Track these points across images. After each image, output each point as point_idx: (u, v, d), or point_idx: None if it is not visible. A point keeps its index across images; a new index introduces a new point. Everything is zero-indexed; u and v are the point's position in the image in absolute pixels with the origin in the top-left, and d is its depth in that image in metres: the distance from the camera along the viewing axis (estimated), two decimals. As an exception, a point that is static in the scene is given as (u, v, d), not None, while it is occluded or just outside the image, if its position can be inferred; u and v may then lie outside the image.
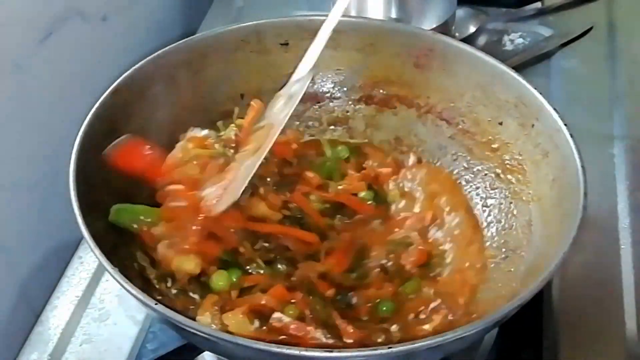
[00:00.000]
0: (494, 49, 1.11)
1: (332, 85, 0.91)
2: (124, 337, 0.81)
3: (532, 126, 0.78)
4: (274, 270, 0.74)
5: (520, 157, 0.80)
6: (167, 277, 0.72)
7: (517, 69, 0.79)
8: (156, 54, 0.82)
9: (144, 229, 0.71)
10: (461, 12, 1.11)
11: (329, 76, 0.91)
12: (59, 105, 0.89)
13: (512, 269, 0.74)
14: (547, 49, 1.12)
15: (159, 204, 0.75)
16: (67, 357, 0.80)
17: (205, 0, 1.24)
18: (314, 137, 0.92)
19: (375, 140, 0.91)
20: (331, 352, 0.57)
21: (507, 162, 0.81)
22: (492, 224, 0.80)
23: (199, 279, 0.72)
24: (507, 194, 0.80)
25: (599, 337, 0.78)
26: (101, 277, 0.87)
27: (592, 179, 0.68)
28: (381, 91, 0.90)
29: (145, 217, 0.71)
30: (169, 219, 0.71)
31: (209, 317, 0.67)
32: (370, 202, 0.83)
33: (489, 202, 0.82)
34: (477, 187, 0.84)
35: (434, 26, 1.00)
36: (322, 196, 0.81)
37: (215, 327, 0.67)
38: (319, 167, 0.85)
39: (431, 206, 0.81)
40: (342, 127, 0.92)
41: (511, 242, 0.77)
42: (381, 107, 0.90)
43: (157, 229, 0.71)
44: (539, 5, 1.21)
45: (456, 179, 0.85)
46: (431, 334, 0.69)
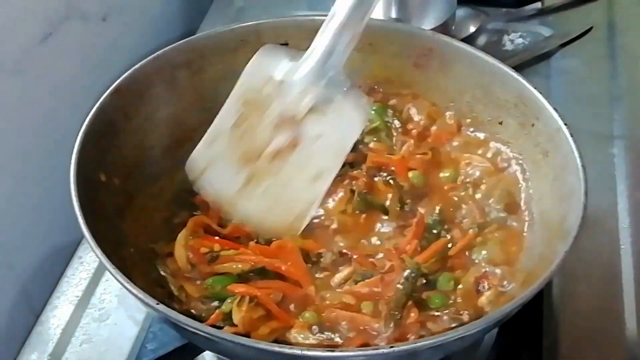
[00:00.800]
0: (494, 49, 1.11)
1: (332, 85, 0.91)
2: (124, 337, 0.81)
3: (532, 126, 0.78)
4: None
5: (520, 157, 0.80)
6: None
7: (517, 68, 0.79)
8: (156, 54, 0.82)
9: None
10: (461, 12, 1.11)
11: (329, 76, 0.90)
12: (60, 105, 0.89)
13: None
14: (547, 49, 1.12)
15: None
16: (67, 357, 0.80)
17: (205, 0, 1.24)
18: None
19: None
20: (332, 351, 0.57)
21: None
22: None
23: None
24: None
25: (599, 337, 0.78)
26: (101, 277, 0.87)
27: (592, 179, 0.68)
28: (381, 91, 0.90)
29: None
30: None
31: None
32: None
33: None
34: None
35: (434, 26, 1.00)
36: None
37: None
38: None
39: None
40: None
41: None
42: (381, 104, 0.90)
43: None
44: (539, 5, 1.21)
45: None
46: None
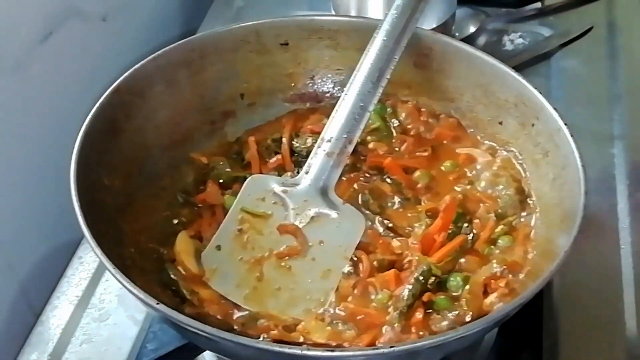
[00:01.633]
0: (494, 49, 1.11)
1: (332, 85, 0.91)
2: (124, 337, 0.81)
3: (532, 126, 0.78)
4: None
5: (520, 157, 0.80)
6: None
7: (517, 68, 0.79)
8: (156, 54, 0.82)
9: None
10: (461, 12, 1.11)
11: (329, 76, 0.90)
12: (60, 104, 0.89)
13: None
14: (547, 49, 1.12)
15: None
16: (67, 357, 0.80)
17: (205, 0, 1.24)
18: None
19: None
20: (332, 351, 0.58)
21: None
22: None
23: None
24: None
25: (599, 337, 0.79)
26: (101, 277, 0.87)
27: (592, 179, 0.68)
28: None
29: None
30: None
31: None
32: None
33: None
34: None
35: (434, 26, 1.00)
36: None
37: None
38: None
39: None
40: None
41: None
42: (381, 104, 0.90)
43: None
44: (539, 5, 1.21)
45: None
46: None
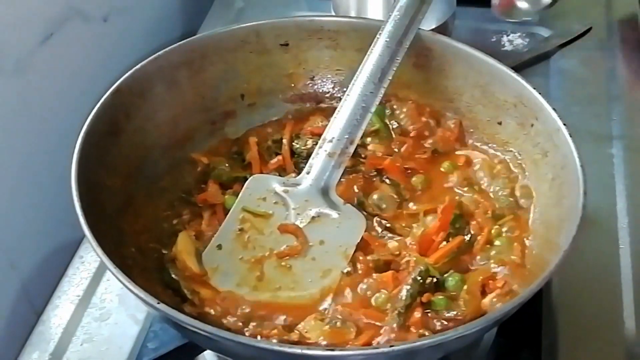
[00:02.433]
0: (494, 50, 1.11)
1: (332, 85, 0.91)
2: (125, 336, 0.82)
3: (532, 126, 0.78)
4: None
5: (519, 157, 0.80)
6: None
7: (517, 69, 0.80)
8: (157, 54, 0.82)
9: None
10: (461, 12, 1.11)
11: (329, 76, 0.91)
12: (61, 105, 0.89)
13: None
14: (547, 49, 1.12)
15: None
16: (68, 356, 0.80)
17: (205, 1, 1.25)
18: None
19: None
20: (332, 350, 0.58)
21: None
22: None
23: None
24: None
25: (598, 336, 0.79)
26: (102, 277, 0.87)
27: (591, 179, 0.68)
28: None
29: None
30: None
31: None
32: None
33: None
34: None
35: (434, 27, 1.00)
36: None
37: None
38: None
39: None
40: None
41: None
42: (381, 106, 0.90)
43: None
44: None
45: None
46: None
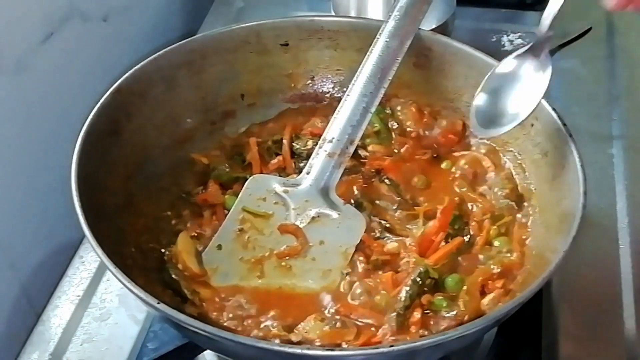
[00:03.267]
0: (494, 49, 1.11)
1: (332, 85, 0.91)
2: (125, 336, 0.82)
3: (532, 126, 0.78)
4: None
5: (519, 157, 0.80)
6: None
7: (517, 69, 0.79)
8: (157, 54, 0.82)
9: None
10: (461, 12, 1.11)
11: (329, 76, 0.91)
12: (61, 105, 0.89)
13: None
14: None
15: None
16: (68, 356, 0.80)
17: (205, 1, 1.25)
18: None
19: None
20: (333, 350, 0.58)
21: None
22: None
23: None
24: (506, 193, 0.81)
25: (597, 336, 0.79)
26: (102, 277, 0.87)
27: (591, 179, 0.69)
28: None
29: None
30: None
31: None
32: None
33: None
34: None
35: (434, 27, 1.00)
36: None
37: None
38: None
39: None
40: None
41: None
42: (381, 106, 0.90)
43: None
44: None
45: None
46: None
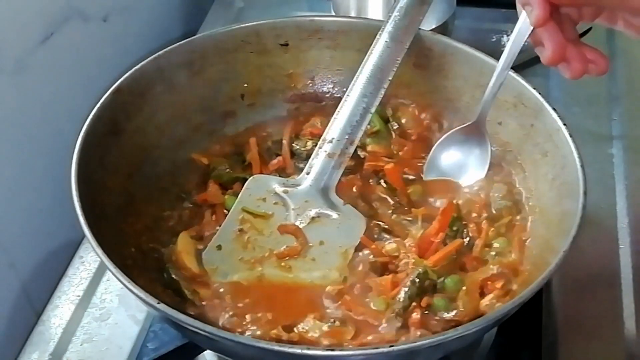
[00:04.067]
0: (494, 49, 1.10)
1: (332, 85, 0.91)
2: (125, 336, 0.81)
3: (532, 126, 0.78)
4: None
5: (519, 157, 0.80)
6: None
7: (516, 69, 0.79)
8: (157, 54, 0.82)
9: None
10: (461, 12, 1.11)
11: (329, 76, 0.91)
12: (61, 105, 0.89)
13: None
14: (547, 49, 1.12)
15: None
16: (68, 356, 0.80)
17: (205, 1, 1.25)
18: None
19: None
20: (333, 350, 0.58)
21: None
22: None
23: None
24: (506, 193, 0.81)
25: (598, 336, 0.79)
26: (102, 277, 0.87)
27: (591, 179, 0.69)
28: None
29: None
30: None
31: None
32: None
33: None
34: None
35: (434, 27, 1.00)
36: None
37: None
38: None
39: None
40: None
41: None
42: (381, 107, 0.90)
43: None
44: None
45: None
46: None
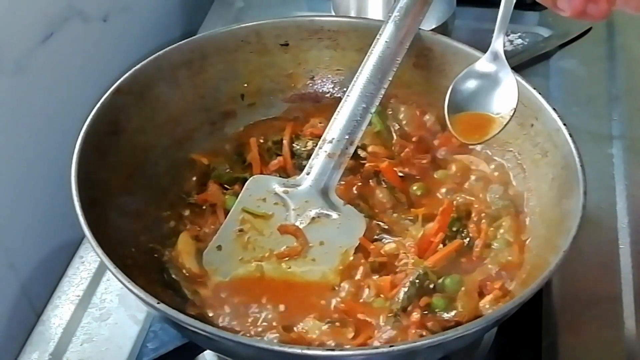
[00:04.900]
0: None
1: (332, 85, 0.91)
2: (125, 336, 0.82)
3: (532, 126, 0.78)
4: None
5: (519, 157, 0.80)
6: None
7: (517, 69, 0.79)
8: (157, 54, 0.82)
9: None
10: (461, 12, 1.11)
11: (329, 76, 0.91)
12: (61, 105, 0.89)
13: None
14: (547, 49, 1.12)
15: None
16: (68, 356, 0.80)
17: (205, 0, 1.25)
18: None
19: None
20: (333, 350, 0.58)
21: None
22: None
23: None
24: (506, 193, 0.81)
25: (598, 336, 0.79)
26: (102, 277, 0.87)
27: (591, 179, 0.69)
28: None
29: None
30: None
31: None
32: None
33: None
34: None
35: (434, 27, 1.00)
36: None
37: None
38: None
39: None
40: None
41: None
42: (381, 107, 0.90)
43: None
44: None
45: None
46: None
